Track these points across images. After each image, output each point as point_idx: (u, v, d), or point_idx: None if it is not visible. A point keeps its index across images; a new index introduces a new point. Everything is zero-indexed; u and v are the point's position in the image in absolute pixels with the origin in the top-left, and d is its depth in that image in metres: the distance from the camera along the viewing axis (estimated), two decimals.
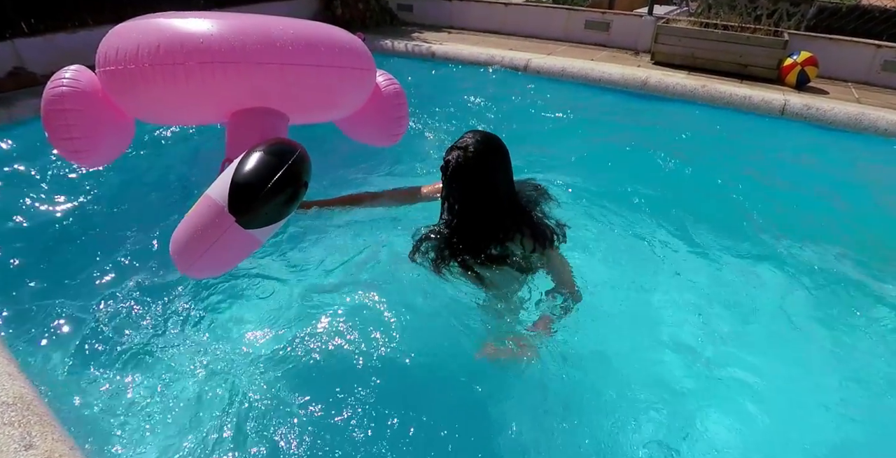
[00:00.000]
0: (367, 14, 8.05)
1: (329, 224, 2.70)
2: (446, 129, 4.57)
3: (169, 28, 1.53)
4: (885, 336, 2.55)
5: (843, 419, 2.16)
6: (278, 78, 1.60)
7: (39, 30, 5.15)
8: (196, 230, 1.46)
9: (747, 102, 5.24)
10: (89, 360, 2.26)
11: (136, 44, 1.51)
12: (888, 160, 4.53)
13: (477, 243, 2.01)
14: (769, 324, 2.60)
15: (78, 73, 1.70)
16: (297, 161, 1.48)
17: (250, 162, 1.46)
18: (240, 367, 2.21)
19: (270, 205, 1.46)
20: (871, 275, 2.96)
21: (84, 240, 3.04)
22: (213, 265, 1.55)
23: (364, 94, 1.96)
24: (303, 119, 1.90)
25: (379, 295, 2.42)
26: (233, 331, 2.42)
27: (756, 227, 3.36)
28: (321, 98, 1.77)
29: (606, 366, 2.27)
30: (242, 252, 1.56)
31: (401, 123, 2.13)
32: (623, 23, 7.25)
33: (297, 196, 1.53)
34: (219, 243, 1.44)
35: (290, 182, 1.47)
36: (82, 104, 1.65)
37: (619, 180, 3.73)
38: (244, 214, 1.43)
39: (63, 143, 1.68)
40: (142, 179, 3.58)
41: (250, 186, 1.43)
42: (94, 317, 2.44)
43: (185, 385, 2.16)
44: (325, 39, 1.71)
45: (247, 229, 1.45)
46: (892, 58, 5.97)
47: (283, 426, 1.98)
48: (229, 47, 1.50)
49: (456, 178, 1.89)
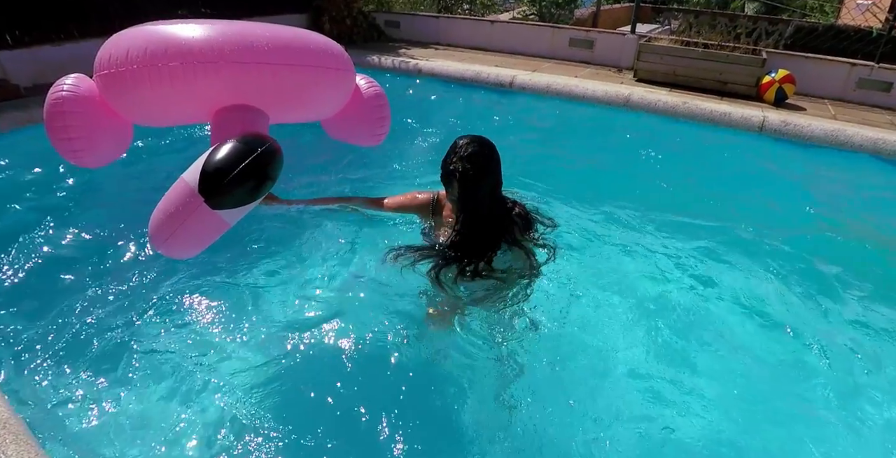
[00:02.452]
0: (354, 30, 8.14)
1: (306, 225, 2.78)
2: (431, 143, 4.61)
3: (156, 33, 1.67)
4: (866, 352, 2.59)
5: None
6: (256, 76, 1.72)
7: (24, 42, 5.12)
8: (168, 209, 1.59)
9: (727, 119, 5.35)
10: (68, 375, 2.23)
11: (126, 49, 1.65)
12: (863, 175, 4.64)
13: (485, 248, 2.11)
14: (743, 339, 2.64)
15: (78, 80, 1.82)
16: (266, 152, 1.60)
17: (223, 149, 1.59)
18: (221, 381, 2.21)
19: (237, 189, 1.58)
20: (847, 288, 3.02)
21: (58, 252, 3.00)
22: (184, 244, 1.65)
23: (343, 94, 2.07)
24: (283, 117, 1.99)
25: (357, 296, 2.49)
26: (212, 345, 2.40)
27: (734, 240, 3.42)
28: (298, 96, 1.88)
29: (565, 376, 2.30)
30: (211, 232, 1.66)
31: (383, 123, 2.24)
32: (607, 41, 7.40)
33: (265, 182, 1.64)
34: (188, 222, 1.57)
35: (258, 169, 1.59)
36: (80, 107, 1.77)
37: (600, 195, 3.78)
38: (212, 196, 1.55)
39: (62, 143, 1.79)
40: (137, 187, 3.60)
41: (219, 170, 1.55)
42: (73, 331, 2.41)
43: (166, 402, 2.14)
44: (301, 41, 1.85)
45: (214, 210, 1.57)
46: (866, 76, 6.15)
47: (269, 436, 1.97)
48: (209, 48, 1.63)
49: (468, 184, 1.98)
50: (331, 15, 7.96)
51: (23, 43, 5.10)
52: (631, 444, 2.07)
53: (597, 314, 2.63)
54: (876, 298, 2.95)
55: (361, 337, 2.38)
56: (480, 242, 2.09)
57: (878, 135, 4.88)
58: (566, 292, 2.61)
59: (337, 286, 2.71)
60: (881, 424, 2.21)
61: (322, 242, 2.88)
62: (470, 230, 2.07)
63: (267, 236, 3.01)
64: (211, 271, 2.77)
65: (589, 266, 2.92)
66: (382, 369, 2.28)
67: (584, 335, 2.49)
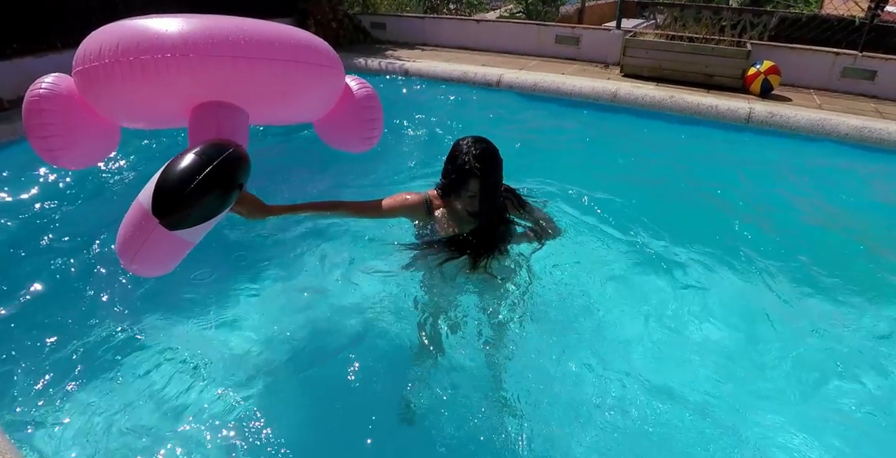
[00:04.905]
0: (340, 32, 8.13)
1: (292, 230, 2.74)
2: (419, 144, 4.62)
3: (130, 28, 1.61)
4: (866, 345, 2.61)
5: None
6: (231, 71, 1.64)
7: (6, 54, 5.09)
8: (126, 232, 1.51)
9: (714, 112, 5.37)
10: (48, 382, 2.23)
11: (100, 44, 1.61)
12: (849, 163, 4.67)
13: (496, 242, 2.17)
14: (729, 327, 2.65)
15: (57, 79, 1.78)
16: (225, 162, 1.47)
17: (176, 164, 1.46)
18: (203, 388, 2.22)
19: (195, 207, 1.45)
20: (835, 278, 3.04)
21: (45, 263, 2.99)
22: (151, 265, 1.58)
23: (329, 93, 2.00)
24: (266, 117, 1.94)
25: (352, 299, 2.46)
26: (201, 355, 2.40)
27: (722, 230, 3.44)
28: (278, 93, 1.80)
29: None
30: (175, 253, 1.58)
31: (374, 126, 2.16)
32: (592, 37, 7.41)
33: (226, 198, 1.52)
34: (147, 244, 1.47)
35: (217, 183, 1.46)
36: (58, 105, 1.72)
37: (589, 190, 3.78)
38: (166, 216, 1.43)
39: (38, 141, 1.74)
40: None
41: (173, 189, 1.43)
42: (55, 337, 2.42)
43: (147, 405, 2.15)
44: (282, 36, 1.76)
45: (172, 231, 1.46)
46: (850, 64, 6.18)
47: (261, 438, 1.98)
48: (182, 41, 1.56)
49: (488, 181, 1.99)
50: (316, 18, 7.95)
51: (4, 55, 5.07)
52: (618, 438, 2.08)
53: (588, 310, 2.64)
54: (863, 286, 2.97)
55: (354, 339, 2.40)
56: (496, 235, 2.15)
57: (863, 123, 4.91)
58: (555, 284, 2.62)
59: (324, 290, 2.72)
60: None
61: (311, 245, 2.89)
62: (490, 225, 2.11)
63: (252, 239, 3.01)
64: (202, 276, 2.77)
65: (577, 260, 2.93)
66: (376, 368, 2.29)
67: (572, 332, 2.50)
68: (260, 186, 2.18)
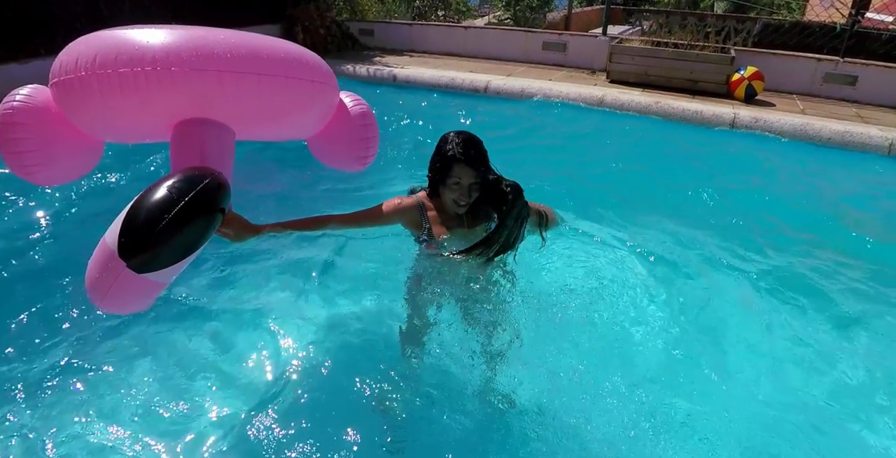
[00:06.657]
0: (328, 39, 8.13)
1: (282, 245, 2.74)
2: (407, 151, 4.62)
3: (109, 38, 1.53)
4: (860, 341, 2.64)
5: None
6: (215, 86, 1.55)
7: None
8: (93, 272, 1.38)
9: (699, 117, 5.43)
10: (41, 390, 2.19)
11: (77, 55, 1.52)
12: (831, 166, 4.74)
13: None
14: (724, 331, 2.67)
15: (34, 91, 1.68)
16: (199, 196, 1.30)
17: (145, 200, 1.31)
18: (193, 395, 2.19)
19: (163, 248, 1.30)
20: (825, 276, 3.08)
21: (30, 276, 2.94)
22: (120, 307, 1.48)
23: (320, 110, 1.91)
24: (253, 134, 1.85)
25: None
26: (194, 369, 2.38)
27: (708, 232, 3.47)
28: (265, 110, 1.71)
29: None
30: (145, 296, 1.46)
31: (369, 145, 2.09)
32: (579, 43, 7.48)
33: (201, 236, 1.36)
34: (115, 287, 1.35)
35: (188, 222, 1.30)
36: (33, 119, 1.62)
37: (575, 196, 3.81)
38: (132, 258, 1.29)
39: (12, 156, 1.63)
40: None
41: (139, 229, 1.28)
42: (43, 347, 2.38)
43: (137, 416, 2.11)
44: (271, 50, 1.68)
45: (140, 274, 1.31)
46: (832, 70, 6.28)
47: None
48: (163, 54, 1.47)
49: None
50: (304, 24, 7.96)
51: None
52: (611, 437, 2.08)
53: (586, 311, 2.62)
54: (855, 283, 3.02)
55: (348, 344, 2.38)
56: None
57: (845, 127, 4.99)
58: (546, 284, 2.62)
59: (320, 295, 2.70)
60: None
61: (309, 249, 2.86)
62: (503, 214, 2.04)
63: (244, 245, 2.98)
64: (194, 289, 2.75)
65: (567, 263, 2.93)
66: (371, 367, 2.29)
67: (567, 331, 2.48)
68: (243, 190, 2.15)
